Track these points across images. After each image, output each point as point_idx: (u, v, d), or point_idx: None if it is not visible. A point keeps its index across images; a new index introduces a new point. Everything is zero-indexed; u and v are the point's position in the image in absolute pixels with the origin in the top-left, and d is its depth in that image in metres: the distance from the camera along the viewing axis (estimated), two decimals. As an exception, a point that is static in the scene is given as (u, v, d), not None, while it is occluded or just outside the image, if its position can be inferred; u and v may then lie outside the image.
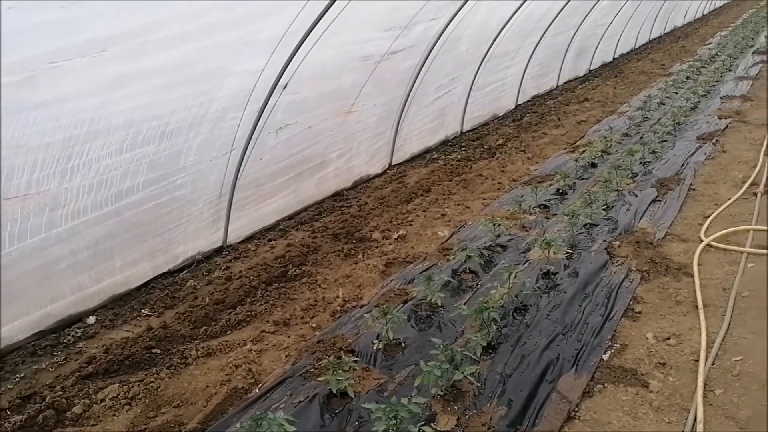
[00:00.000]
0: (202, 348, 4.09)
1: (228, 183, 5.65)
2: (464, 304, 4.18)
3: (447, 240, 5.64)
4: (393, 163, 8.30)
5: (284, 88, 5.47)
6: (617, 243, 5.29)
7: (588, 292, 4.53)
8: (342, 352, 3.82)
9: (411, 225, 6.10)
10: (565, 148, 8.62)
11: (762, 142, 8.04)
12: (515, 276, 4.37)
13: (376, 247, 5.57)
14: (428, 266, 5.06)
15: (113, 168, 4.47)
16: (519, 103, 11.80)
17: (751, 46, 17.25)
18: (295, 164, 6.45)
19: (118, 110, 4.19)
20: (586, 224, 5.63)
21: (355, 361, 3.69)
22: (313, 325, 4.32)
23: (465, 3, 7.11)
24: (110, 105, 4.13)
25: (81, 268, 4.53)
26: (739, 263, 4.86)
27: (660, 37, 21.52)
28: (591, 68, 15.37)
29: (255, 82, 5.06)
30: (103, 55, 3.82)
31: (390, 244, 5.65)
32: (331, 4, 4.93)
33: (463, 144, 9.28)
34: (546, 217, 6.02)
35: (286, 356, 3.92)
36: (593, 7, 12.64)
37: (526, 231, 5.74)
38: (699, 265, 4.87)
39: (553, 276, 4.79)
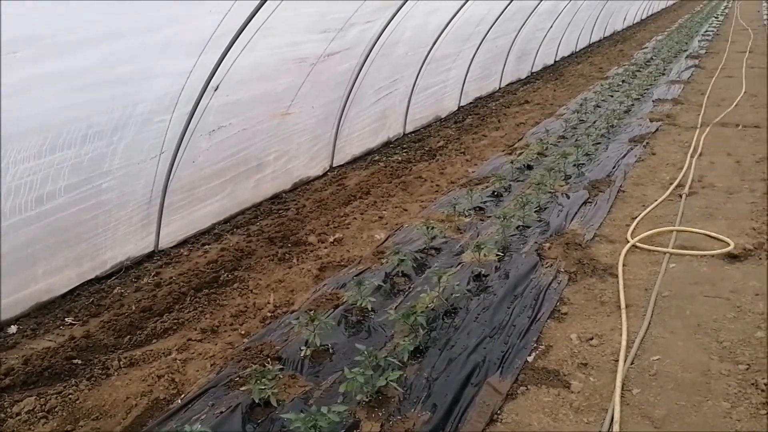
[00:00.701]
0: (125, 358, 3.97)
1: (159, 186, 5.51)
2: (394, 309, 4.19)
3: (383, 243, 5.64)
4: (334, 165, 8.26)
5: (215, 90, 5.37)
6: (548, 245, 5.40)
7: (517, 293, 4.61)
8: (269, 359, 3.77)
9: (348, 228, 6.09)
10: (503, 150, 8.76)
11: (689, 144, 8.37)
12: (447, 279, 4.41)
13: (312, 251, 5.53)
14: (362, 270, 5.05)
15: (32, 172, 4.30)
16: (462, 104, 11.93)
17: (685, 50, 17.93)
18: (231, 167, 6.34)
19: (33, 113, 4.03)
20: (518, 226, 5.74)
21: (282, 369, 3.65)
22: (242, 332, 4.25)
23: (401, 6, 7.14)
24: (25, 107, 3.97)
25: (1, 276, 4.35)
26: (661, 264, 5.03)
27: (600, 40, 22.15)
28: (533, 71, 15.69)
29: (183, 84, 4.94)
30: (15, 56, 3.67)
31: (326, 247, 5.62)
32: (261, 5, 4.86)
33: (405, 145, 9.32)
34: (481, 220, 6.09)
35: (212, 365, 3.84)
36: (531, 12, 12.90)
37: (461, 233, 5.80)
38: (624, 265, 5.02)
39: (484, 278, 4.86)
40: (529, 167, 7.74)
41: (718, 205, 6.19)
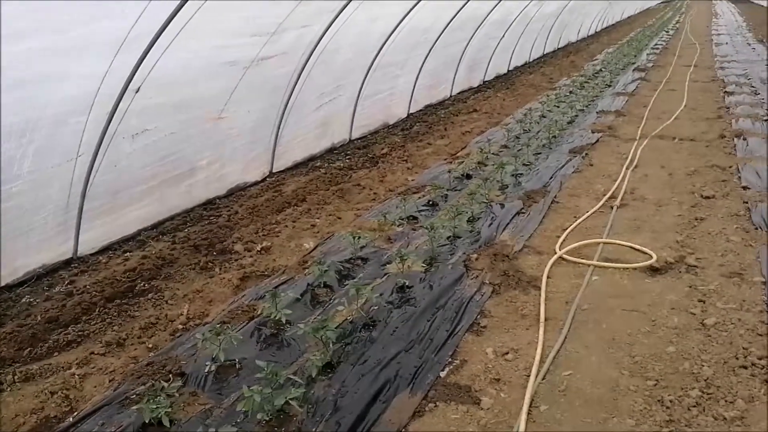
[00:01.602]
0: (21, 372, 3.77)
1: (77, 191, 5.30)
2: (309, 322, 4.08)
3: (310, 252, 5.54)
4: (274, 171, 8.12)
5: (136, 92, 5.19)
6: (475, 255, 5.37)
7: (439, 305, 4.56)
8: (171, 375, 3.62)
9: (277, 236, 5.96)
10: (445, 159, 8.76)
11: (627, 156, 8.50)
12: (368, 291, 4.32)
13: (236, 260, 5.39)
14: (285, 280, 4.94)
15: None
16: (411, 112, 11.91)
17: (633, 63, 18.33)
18: (159, 172, 6.15)
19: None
20: (449, 237, 5.70)
21: (183, 385, 3.50)
22: (150, 346, 4.08)
23: (340, 13, 7.06)
24: None
25: None
26: (584, 276, 5.05)
27: (554, 51, 22.50)
28: (485, 79, 15.81)
29: (98, 86, 4.75)
30: None
31: (251, 256, 5.48)
32: (181, 6, 4.71)
33: (349, 152, 9.24)
34: (413, 229, 6.04)
35: (110, 381, 3.67)
36: (482, 22, 12.99)
37: (391, 243, 5.73)
38: (549, 278, 5.02)
39: (408, 290, 4.79)
40: (468, 176, 7.74)
41: (646, 218, 6.27)
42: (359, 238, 5.23)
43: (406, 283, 4.83)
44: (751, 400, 3.42)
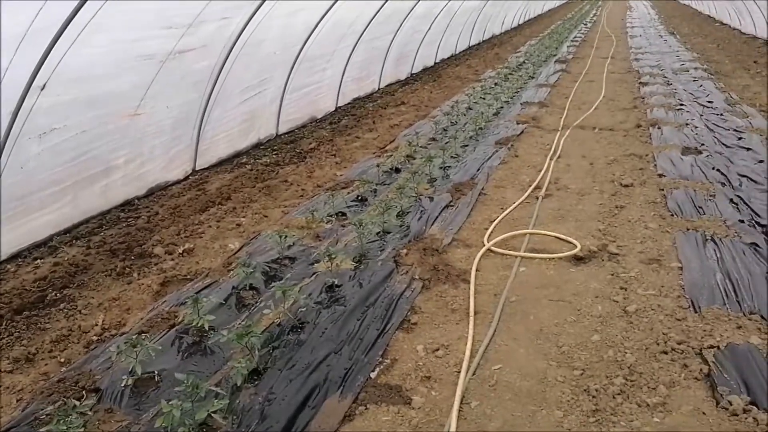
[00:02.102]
0: None
1: (-23, 196, 4.91)
2: (234, 327, 3.93)
3: (235, 253, 5.35)
4: (197, 168, 7.83)
5: (42, 89, 4.85)
6: (405, 251, 5.34)
7: (369, 304, 4.49)
8: (85, 391, 3.40)
9: (201, 237, 5.73)
10: (374, 153, 8.70)
11: (550, 147, 8.70)
12: (298, 290, 4.21)
13: (156, 264, 5.14)
14: (209, 284, 4.75)
15: None
16: (339, 105, 11.78)
17: (554, 55, 18.84)
18: (72, 172, 5.80)
19: None
20: (378, 232, 5.65)
21: (98, 402, 3.29)
22: (62, 360, 3.82)
23: (261, 5, 6.85)
24: None
25: None
26: (512, 267, 5.11)
27: (479, 43, 22.84)
28: (413, 72, 15.84)
29: (-4, 82, 4.41)
30: None
31: (173, 259, 5.24)
32: (84, 2, 4.42)
33: (276, 147, 9.03)
34: (342, 226, 5.95)
35: (18, 401, 3.41)
36: (407, 15, 12.99)
37: (320, 241, 5.62)
38: (477, 270, 5.05)
39: (337, 289, 4.70)
40: (397, 170, 7.71)
41: (569, 207, 6.42)
42: (286, 237, 5.09)
43: (335, 282, 4.73)
44: (672, 385, 3.53)
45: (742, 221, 5.80)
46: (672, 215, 6.10)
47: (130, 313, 4.38)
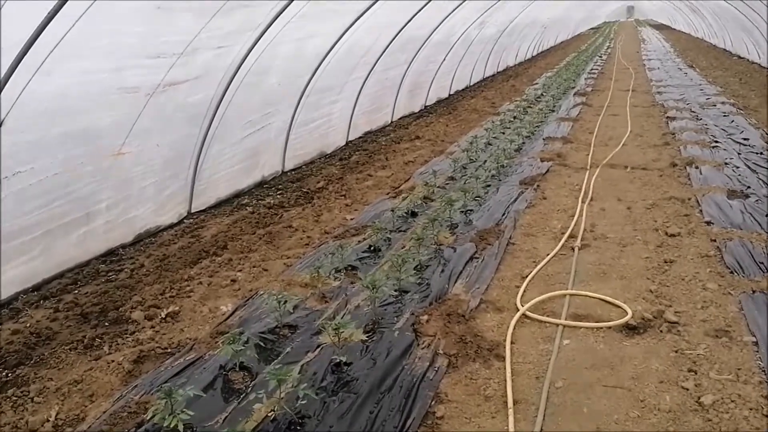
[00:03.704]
0: None
1: (-73, 251, 4.19)
2: (218, 424, 3.13)
3: (228, 318, 4.58)
4: (193, 211, 7.11)
5: (0, 125, 4.15)
6: (425, 317, 4.54)
7: (384, 389, 3.68)
8: None
9: (189, 297, 4.96)
10: (388, 193, 7.95)
11: (580, 188, 7.93)
12: (298, 372, 3.43)
13: (132, 333, 4.36)
14: (192, 360, 3.96)
15: None
16: (350, 139, 11.11)
17: (573, 88, 18.18)
18: (43, 220, 5.09)
19: None
20: (394, 292, 4.85)
21: None
22: (-3, 473, 3.04)
23: (265, 32, 6.19)
24: None
25: None
26: (554, 339, 4.30)
27: (494, 75, 22.28)
28: (427, 104, 15.22)
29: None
30: None
31: (153, 326, 4.47)
32: (56, 11, 3.73)
33: (281, 186, 8.33)
34: (352, 283, 5.17)
35: None
36: (423, 44, 12.40)
37: (326, 302, 4.84)
38: (513, 343, 4.25)
39: (346, 368, 3.90)
40: (414, 214, 6.94)
41: (611, 261, 5.62)
42: (286, 302, 4.30)
43: (344, 360, 3.93)
44: None
45: (818, 282, 4.97)
46: (731, 272, 5.28)
47: (93, 400, 3.59)
